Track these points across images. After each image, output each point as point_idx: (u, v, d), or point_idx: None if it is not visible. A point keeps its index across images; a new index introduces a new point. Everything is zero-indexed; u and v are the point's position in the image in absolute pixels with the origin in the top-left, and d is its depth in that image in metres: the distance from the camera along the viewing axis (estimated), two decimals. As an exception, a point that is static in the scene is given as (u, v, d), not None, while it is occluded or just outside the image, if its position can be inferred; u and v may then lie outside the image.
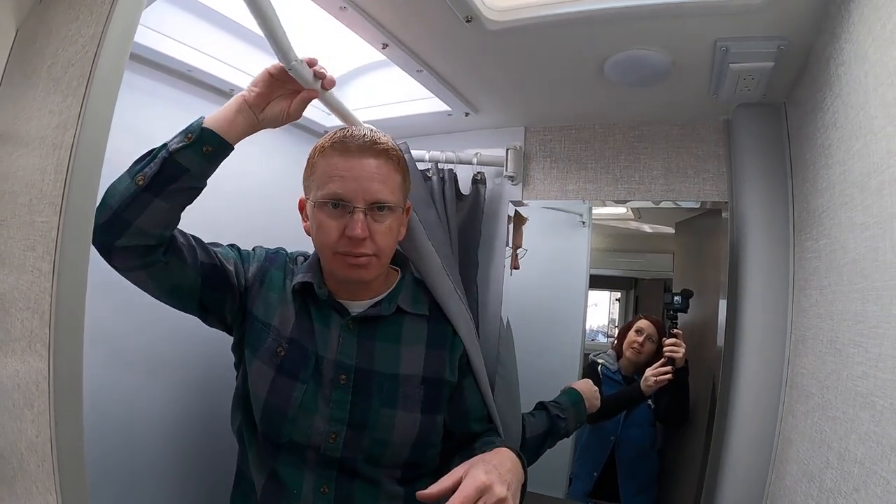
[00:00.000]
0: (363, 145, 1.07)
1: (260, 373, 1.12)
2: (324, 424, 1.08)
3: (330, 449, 1.08)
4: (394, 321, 1.17)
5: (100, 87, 0.64)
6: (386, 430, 1.10)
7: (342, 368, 1.11)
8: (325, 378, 1.10)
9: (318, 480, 1.08)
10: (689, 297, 1.39)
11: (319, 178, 1.09)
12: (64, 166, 0.64)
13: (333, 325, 1.14)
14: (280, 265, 1.22)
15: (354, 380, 1.11)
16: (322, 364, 1.11)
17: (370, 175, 1.07)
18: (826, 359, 0.93)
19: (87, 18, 0.73)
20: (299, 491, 1.07)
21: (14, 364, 0.76)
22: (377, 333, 1.15)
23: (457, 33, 1.15)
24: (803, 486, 0.96)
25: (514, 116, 1.65)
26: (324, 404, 1.09)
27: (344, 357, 1.11)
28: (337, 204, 1.06)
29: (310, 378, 1.10)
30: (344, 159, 1.07)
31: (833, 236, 0.93)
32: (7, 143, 1.06)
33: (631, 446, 1.46)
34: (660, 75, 1.22)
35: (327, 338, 1.13)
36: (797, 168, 1.21)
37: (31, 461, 0.68)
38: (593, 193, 1.58)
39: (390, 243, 1.13)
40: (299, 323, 1.14)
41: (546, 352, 1.56)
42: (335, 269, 1.11)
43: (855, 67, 0.83)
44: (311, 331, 1.14)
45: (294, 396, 1.09)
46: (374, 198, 1.07)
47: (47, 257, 0.64)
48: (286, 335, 1.13)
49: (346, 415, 1.09)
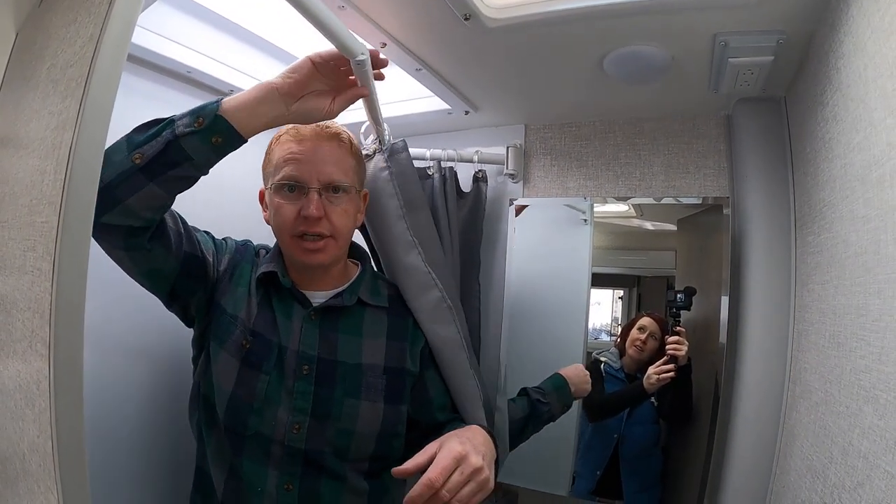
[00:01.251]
0: (315, 130, 1.13)
1: (227, 365, 1.11)
2: (287, 415, 1.09)
3: (294, 440, 1.08)
4: (355, 313, 1.19)
5: (98, 87, 0.64)
6: (350, 420, 1.11)
7: (305, 359, 1.12)
8: (288, 369, 1.11)
9: (282, 477, 1.08)
10: (692, 294, 1.39)
11: (276, 164, 1.13)
12: (63, 166, 0.64)
13: (295, 316, 1.15)
14: (249, 258, 1.22)
15: (317, 370, 1.12)
16: (285, 355, 1.11)
17: (323, 158, 1.12)
18: (829, 353, 0.93)
19: (85, 19, 0.73)
20: (263, 488, 1.07)
21: (16, 364, 0.76)
22: (339, 325, 1.17)
23: (455, 31, 1.14)
24: (807, 481, 0.96)
25: (514, 114, 1.64)
26: (287, 395, 1.10)
27: (306, 348, 1.12)
28: (293, 187, 1.11)
29: (272, 369, 1.10)
30: (297, 144, 1.12)
31: (835, 230, 0.92)
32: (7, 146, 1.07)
33: (634, 444, 1.45)
34: (659, 71, 1.22)
35: (289, 329, 1.14)
36: (798, 162, 1.20)
37: (33, 461, 0.68)
38: (594, 190, 1.58)
39: (347, 224, 1.16)
40: (262, 314, 1.14)
41: (549, 350, 1.55)
42: (293, 254, 1.14)
43: (854, 60, 0.83)
44: (272, 322, 1.14)
45: (258, 387, 1.09)
46: (329, 178, 1.11)
47: (47, 257, 0.64)
48: (250, 327, 1.12)
49: (309, 405, 1.10)
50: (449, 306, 1.28)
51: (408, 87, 1.52)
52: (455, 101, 1.50)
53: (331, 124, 1.15)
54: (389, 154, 1.31)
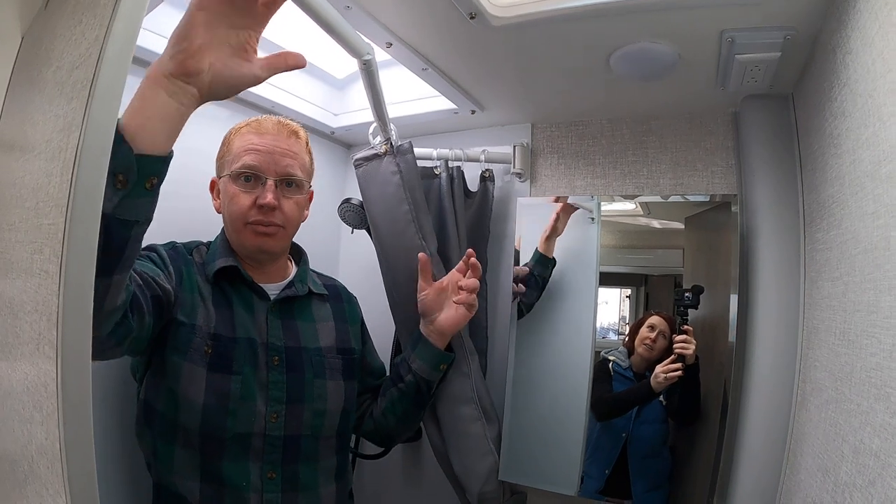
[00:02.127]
0: (276, 125, 1.18)
1: (192, 375, 1.07)
2: (264, 407, 1.12)
3: (273, 429, 1.12)
4: (304, 302, 1.27)
5: (104, 88, 0.64)
6: (321, 400, 1.19)
7: (274, 350, 1.16)
8: (260, 362, 1.14)
9: (265, 466, 1.11)
10: (700, 293, 1.38)
11: (235, 154, 1.16)
12: (70, 169, 0.64)
13: (258, 309, 1.18)
14: (184, 260, 1.18)
15: (286, 359, 1.16)
16: (255, 348, 1.14)
17: (283, 151, 1.17)
18: (839, 351, 0.92)
19: (91, 21, 0.73)
20: (247, 482, 1.10)
21: (23, 367, 0.76)
22: (294, 313, 1.23)
23: (461, 30, 1.14)
24: (818, 479, 0.95)
25: (520, 113, 1.64)
26: (261, 388, 1.13)
27: (274, 339, 1.17)
28: (250, 177, 1.14)
29: (242, 367, 1.12)
30: (258, 136, 1.16)
31: (844, 227, 0.92)
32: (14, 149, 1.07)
33: (643, 443, 1.44)
34: (666, 68, 1.22)
35: (254, 322, 1.16)
36: (806, 159, 1.19)
37: (41, 464, 0.68)
38: (602, 189, 1.57)
39: (297, 217, 1.22)
40: (220, 313, 1.14)
41: (556, 349, 1.54)
42: (245, 240, 1.17)
43: (862, 55, 0.82)
44: (231, 319, 1.15)
45: (232, 389, 1.10)
46: (286, 171, 1.17)
47: (54, 259, 0.64)
48: (209, 331, 1.10)
49: (284, 393, 1.14)
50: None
51: (414, 87, 1.52)
52: (461, 100, 1.50)
53: (290, 122, 1.21)
54: (398, 155, 1.31)
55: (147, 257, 1.09)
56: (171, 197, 1.32)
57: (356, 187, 1.45)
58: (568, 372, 1.51)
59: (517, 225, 1.57)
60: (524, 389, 1.51)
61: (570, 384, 1.48)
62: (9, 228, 0.93)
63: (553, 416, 1.51)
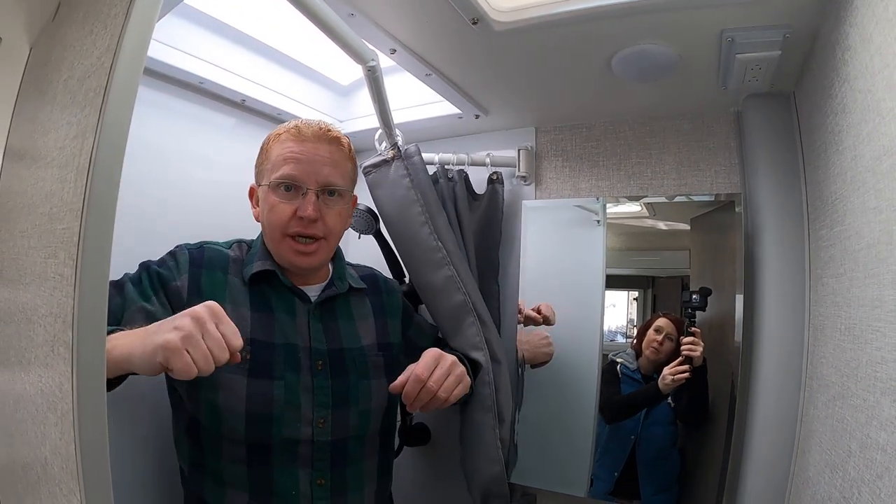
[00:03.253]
0: (317, 132, 1.13)
1: (231, 384, 1.06)
2: (310, 413, 1.10)
3: (321, 435, 1.10)
4: (344, 300, 1.23)
5: (117, 95, 0.66)
6: (367, 400, 1.17)
7: (318, 355, 1.13)
8: (303, 367, 1.12)
9: (314, 474, 1.10)
10: (708, 295, 1.38)
11: (273, 162, 1.12)
12: (84, 173, 0.65)
13: (300, 313, 1.16)
14: (218, 263, 1.16)
15: (330, 363, 1.14)
16: (298, 353, 1.12)
17: (323, 160, 1.12)
18: (845, 346, 0.92)
19: (102, 32, 0.75)
20: (297, 491, 1.08)
21: (37, 370, 0.77)
22: (336, 313, 1.20)
23: (464, 35, 1.15)
24: (826, 476, 0.95)
25: (524, 117, 1.65)
26: (306, 394, 1.10)
27: (317, 343, 1.14)
28: (290, 187, 1.11)
29: (284, 372, 1.09)
30: (298, 144, 1.11)
31: (847, 223, 0.92)
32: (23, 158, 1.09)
33: (651, 445, 1.44)
34: (667, 69, 1.23)
35: (296, 326, 1.14)
36: (808, 157, 1.20)
37: (55, 464, 0.69)
38: (606, 191, 1.58)
39: (339, 227, 1.18)
40: (257, 317, 1.12)
41: (564, 353, 1.55)
42: (284, 255, 1.14)
43: (861, 51, 0.83)
44: (271, 323, 1.12)
45: (276, 395, 1.08)
46: (327, 181, 1.12)
47: (69, 262, 0.65)
48: (245, 336, 1.00)
49: (330, 399, 1.12)
50: (471, 310, 1.33)
51: (418, 92, 1.53)
52: (465, 105, 1.51)
53: (331, 128, 1.16)
54: (406, 159, 1.32)
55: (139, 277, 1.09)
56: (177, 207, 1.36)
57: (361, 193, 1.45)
58: (576, 374, 1.52)
59: (522, 228, 1.58)
60: (533, 392, 1.51)
61: (579, 387, 1.48)
62: (20, 235, 0.94)
63: (562, 419, 1.52)
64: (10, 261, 1.03)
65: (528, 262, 1.57)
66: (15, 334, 0.94)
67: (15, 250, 0.98)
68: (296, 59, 1.53)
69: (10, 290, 1.00)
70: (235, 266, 1.17)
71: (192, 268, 1.13)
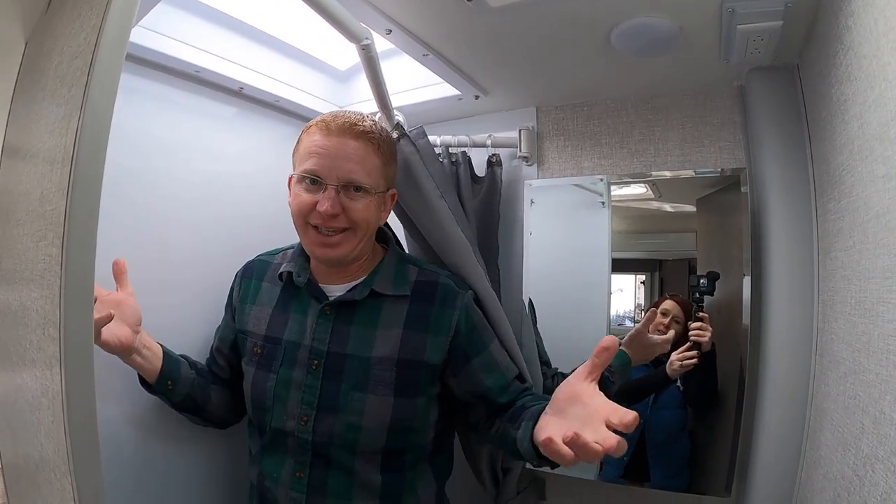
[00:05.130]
0: (343, 126, 1.10)
1: (248, 374, 1.23)
2: (295, 408, 1.14)
3: (302, 431, 1.13)
4: (373, 305, 1.17)
5: (102, 71, 0.65)
6: (356, 414, 1.12)
7: (315, 354, 1.15)
8: (300, 364, 1.16)
9: (296, 465, 1.15)
10: (716, 279, 1.37)
11: (301, 154, 1.13)
12: (70, 149, 0.64)
13: (311, 312, 1.18)
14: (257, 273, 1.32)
15: (325, 364, 1.14)
16: (298, 351, 1.16)
17: (347, 155, 1.09)
18: (855, 321, 0.91)
19: (88, 13, 0.75)
20: (278, 476, 1.16)
21: (31, 354, 0.77)
22: (355, 317, 1.17)
23: (459, 13, 1.13)
24: (839, 454, 0.94)
25: (524, 97, 1.64)
26: (296, 390, 1.15)
27: (318, 343, 1.15)
28: (314, 180, 1.09)
29: (280, 367, 1.17)
30: (324, 137, 1.10)
31: (855, 194, 0.90)
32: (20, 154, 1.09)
33: (660, 429, 1.43)
34: (668, 43, 1.20)
35: (304, 325, 1.17)
36: (814, 129, 1.18)
37: (49, 448, 0.69)
38: (609, 169, 1.56)
39: (367, 219, 1.13)
40: (276, 315, 1.23)
41: (572, 337, 1.54)
42: (308, 245, 1.16)
43: (864, 16, 0.81)
44: (285, 321, 1.21)
45: (269, 387, 1.18)
46: (348, 178, 1.10)
47: (56, 241, 0.64)
48: (262, 334, 1.22)
49: (316, 399, 1.14)
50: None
51: (417, 74, 1.53)
52: (465, 85, 1.49)
53: (363, 122, 1.12)
54: (414, 139, 1.31)
55: (224, 324, 1.35)
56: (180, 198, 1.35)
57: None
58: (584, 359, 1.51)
59: (527, 207, 1.57)
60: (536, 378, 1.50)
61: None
62: (16, 224, 0.94)
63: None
64: (7, 251, 1.03)
65: (532, 245, 1.56)
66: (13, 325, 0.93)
67: (12, 241, 0.98)
68: (292, 45, 1.52)
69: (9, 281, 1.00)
70: (273, 272, 1.29)
71: (239, 280, 1.33)
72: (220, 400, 1.29)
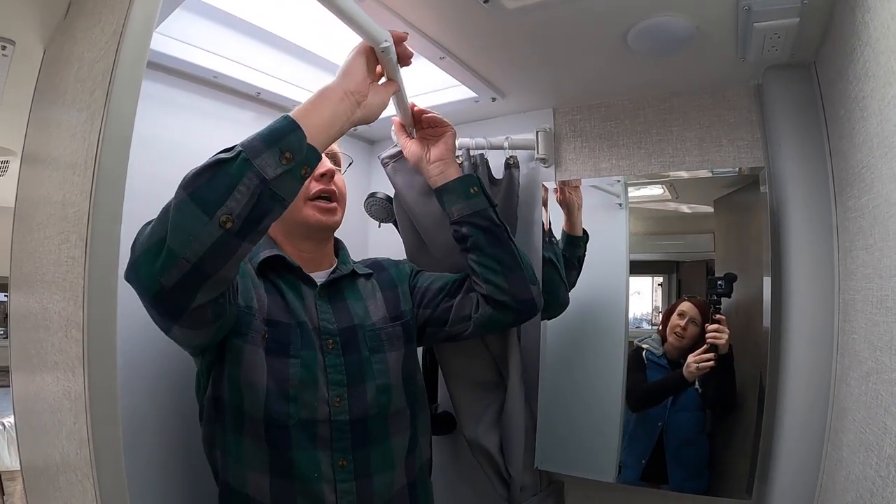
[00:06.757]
0: None
1: (253, 358, 1.07)
2: (326, 392, 1.10)
3: (338, 413, 1.10)
4: (351, 283, 1.26)
5: (124, 73, 0.66)
6: (384, 375, 1.17)
7: (327, 334, 1.15)
8: (315, 347, 1.13)
9: (335, 455, 1.09)
10: (733, 280, 1.36)
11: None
12: (93, 154, 0.65)
13: (308, 296, 1.18)
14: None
15: (341, 341, 1.15)
16: (308, 334, 1.13)
17: None
18: (877, 319, 0.89)
19: (109, 17, 0.75)
20: (319, 473, 1.07)
21: (53, 357, 0.78)
22: (344, 295, 1.23)
23: (476, 15, 1.14)
24: (861, 455, 0.93)
25: (541, 98, 1.64)
26: (321, 373, 1.11)
27: (325, 323, 1.16)
28: None
29: (300, 350, 1.11)
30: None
31: (875, 191, 0.89)
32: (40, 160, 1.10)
33: (679, 432, 1.42)
34: (684, 42, 1.20)
35: (304, 308, 1.16)
36: (832, 126, 1.17)
37: (70, 450, 0.69)
38: (627, 170, 1.56)
39: (344, 190, 1.26)
40: (273, 301, 1.14)
41: (590, 340, 1.53)
42: (308, 219, 1.18)
43: (881, 11, 0.80)
44: (285, 306, 1.14)
45: (291, 373, 1.08)
46: (332, 150, 1.25)
47: (80, 243, 0.65)
48: (264, 317, 1.10)
49: (344, 376, 1.13)
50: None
51: (433, 77, 1.53)
52: (481, 88, 1.50)
53: None
54: None
55: None
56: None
57: (380, 183, 1.45)
58: (602, 362, 1.51)
59: (548, 209, 1.56)
60: (559, 379, 1.50)
61: (605, 374, 1.47)
62: (37, 227, 0.95)
63: (589, 406, 1.50)
64: (27, 256, 1.04)
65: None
66: (34, 327, 0.94)
67: (32, 245, 1.00)
68: (310, 49, 1.52)
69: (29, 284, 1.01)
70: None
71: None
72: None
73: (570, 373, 1.52)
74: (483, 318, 1.26)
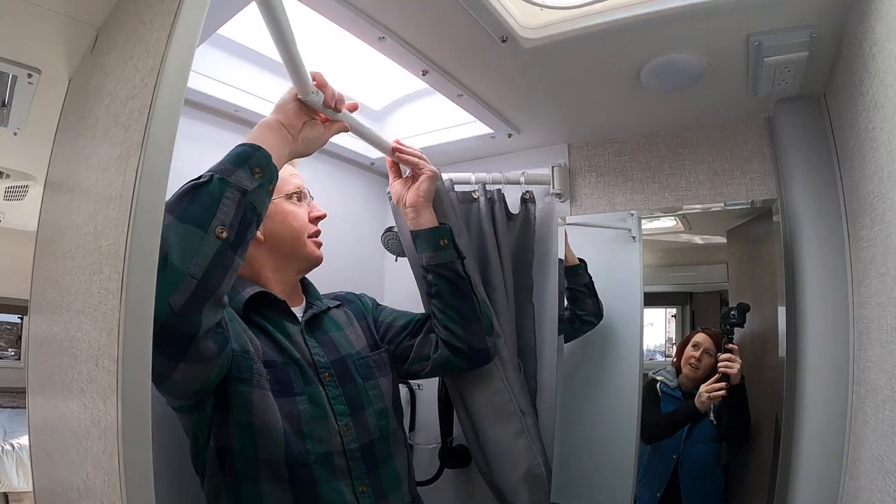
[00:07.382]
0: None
1: (265, 402, 1.03)
2: (335, 423, 1.12)
3: (350, 441, 1.12)
4: (326, 316, 1.28)
5: (162, 113, 0.68)
6: (380, 399, 1.21)
7: (322, 367, 1.16)
8: (315, 381, 1.13)
9: (355, 482, 1.10)
10: (746, 311, 1.36)
11: (283, 178, 1.20)
12: (130, 189, 0.67)
13: (294, 332, 1.18)
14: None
15: (335, 372, 1.17)
16: (305, 370, 1.13)
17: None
18: (892, 347, 0.90)
19: (144, 55, 0.77)
20: (345, 502, 1.06)
21: (80, 385, 0.78)
22: (324, 327, 1.25)
23: (493, 54, 1.18)
24: (879, 483, 0.92)
25: (556, 134, 1.66)
26: (327, 406, 1.12)
27: (318, 356, 1.17)
28: (301, 196, 1.24)
29: (304, 388, 1.11)
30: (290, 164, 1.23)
31: (887, 220, 0.90)
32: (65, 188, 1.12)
33: (694, 464, 1.42)
34: (696, 78, 1.23)
35: (294, 344, 1.16)
36: (843, 157, 1.18)
37: (97, 478, 0.70)
38: (641, 204, 1.58)
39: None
40: (263, 341, 1.11)
41: (604, 372, 1.54)
42: (313, 252, 1.24)
43: (888, 45, 0.82)
44: (274, 345, 1.12)
45: (301, 411, 1.07)
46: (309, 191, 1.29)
47: (115, 276, 0.66)
48: (261, 359, 1.06)
49: (346, 406, 1.14)
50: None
51: (451, 114, 1.55)
52: (497, 124, 1.52)
53: None
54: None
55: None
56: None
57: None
58: (617, 395, 1.51)
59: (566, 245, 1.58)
60: (574, 412, 1.50)
61: (620, 406, 1.48)
62: (63, 256, 0.96)
63: (604, 440, 1.50)
64: (52, 283, 1.05)
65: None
66: (57, 354, 0.95)
67: (58, 273, 1.01)
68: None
69: (53, 311, 1.02)
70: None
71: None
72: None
73: (586, 407, 1.52)
74: (440, 360, 1.32)
